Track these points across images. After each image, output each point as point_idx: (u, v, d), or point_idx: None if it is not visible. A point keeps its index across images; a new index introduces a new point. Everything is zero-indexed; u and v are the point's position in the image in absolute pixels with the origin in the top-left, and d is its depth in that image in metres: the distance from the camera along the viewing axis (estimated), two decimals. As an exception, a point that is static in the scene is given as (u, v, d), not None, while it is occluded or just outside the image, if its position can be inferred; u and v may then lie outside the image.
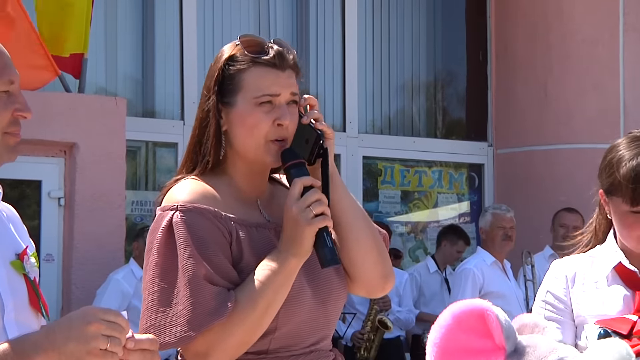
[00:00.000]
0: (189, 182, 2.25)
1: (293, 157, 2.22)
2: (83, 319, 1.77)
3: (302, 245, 2.14)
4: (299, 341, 2.24)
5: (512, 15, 8.49)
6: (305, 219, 2.13)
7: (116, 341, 1.76)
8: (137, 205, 7.38)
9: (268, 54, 2.24)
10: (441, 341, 1.90)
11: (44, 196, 6.48)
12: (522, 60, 8.36)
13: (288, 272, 2.15)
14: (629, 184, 2.44)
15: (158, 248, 2.17)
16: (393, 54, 8.63)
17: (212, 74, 2.27)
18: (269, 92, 2.22)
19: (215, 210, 2.19)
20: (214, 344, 2.12)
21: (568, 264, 2.60)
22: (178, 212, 2.17)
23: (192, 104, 7.50)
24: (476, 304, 1.91)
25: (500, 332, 1.87)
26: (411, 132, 8.66)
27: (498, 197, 8.53)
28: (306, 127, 2.26)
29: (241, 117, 2.23)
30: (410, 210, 8.55)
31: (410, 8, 8.74)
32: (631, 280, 2.50)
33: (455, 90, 9.09)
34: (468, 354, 1.88)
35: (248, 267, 2.18)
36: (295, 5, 8.22)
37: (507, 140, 8.53)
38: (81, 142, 6.36)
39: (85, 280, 6.35)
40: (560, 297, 2.56)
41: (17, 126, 2.00)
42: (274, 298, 2.13)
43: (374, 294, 2.41)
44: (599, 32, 8.10)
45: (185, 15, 7.56)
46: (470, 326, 1.89)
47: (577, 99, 8.09)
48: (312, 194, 2.15)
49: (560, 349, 1.90)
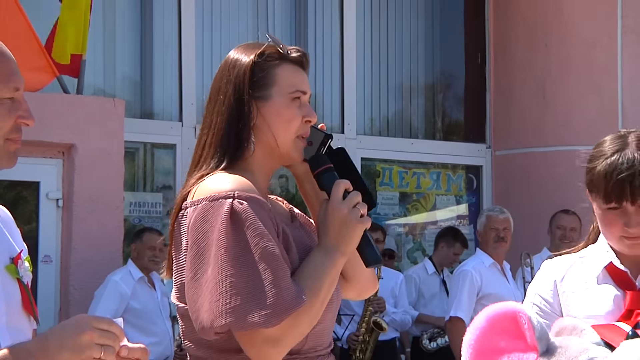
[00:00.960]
0: (226, 174, 2.23)
1: (323, 162, 2.29)
2: (76, 327, 1.76)
3: (350, 244, 2.22)
4: (323, 341, 2.28)
5: (511, 16, 8.49)
6: (355, 217, 2.21)
7: (110, 350, 1.76)
8: (136, 207, 7.38)
9: (294, 52, 2.32)
10: (476, 342, 1.98)
11: (42, 197, 6.47)
12: (521, 62, 8.37)
13: (338, 269, 2.22)
14: (602, 182, 2.43)
15: (225, 234, 2.11)
16: (391, 55, 8.63)
17: (235, 71, 2.29)
18: (301, 88, 2.30)
19: (266, 202, 2.22)
20: (289, 330, 2.12)
21: (557, 265, 2.59)
22: (238, 200, 2.15)
23: (191, 105, 7.50)
24: (509, 306, 1.99)
25: (532, 333, 1.93)
26: (409, 134, 8.66)
27: (496, 199, 8.53)
28: (311, 130, 2.33)
29: (277, 111, 2.27)
30: (408, 212, 8.55)
31: (408, 9, 8.74)
32: (622, 280, 2.49)
33: (454, 91, 9.10)
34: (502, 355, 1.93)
35: (295, 262, 2.21)
36: (294, 7, 8.22)
37: (505, 141, 8.53)
38: (79, 143, 6.36)
39: (84, 281, 6.35)
40: (548, 299, 2.55)
41: (19, 133, 2.00)
42: (328, 292, 2.19)
43: (364, 295, 2.47)
44: (597, 34, 8.11)
45: (183, 16, 7.56)
46: (503, 328, 1.96)
47: (575, 101, 8.09)
48: (355, 195, 2.24)
49: (592, 350, 1.93)
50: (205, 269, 2.13)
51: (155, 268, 6.51)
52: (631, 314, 2.43)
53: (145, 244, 6.43)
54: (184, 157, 7.36)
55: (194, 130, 7.38)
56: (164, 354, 6.39)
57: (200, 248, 2.14)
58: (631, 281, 2.48)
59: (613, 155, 2.46)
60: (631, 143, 2.48)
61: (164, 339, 6.38)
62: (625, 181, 2.40)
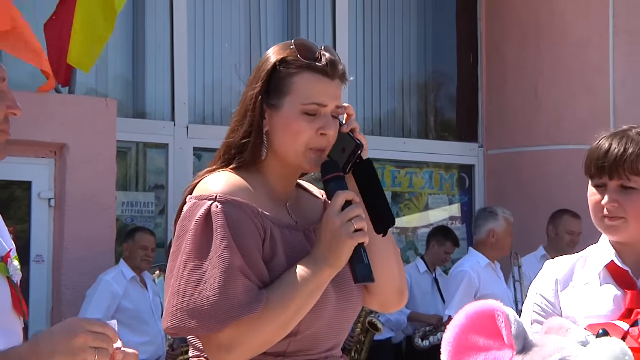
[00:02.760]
0: (225, 174, 2.24)
1: (333, 169, 2.24)
2: (69, 330, 1.75)
3: (339, 258, 2.16)
4: (316, 345, 2.25)
5: (503, 16, 8.50)
6: (346, 232, 2.15)
7: (104, 352, 1.75)
8: (128, 206, 7.36)
9: (320, 61, 2.23)
10: (454, 340, 1.98)
11: (34, 197, 6.46)
12: (513, 62, 8.38)
13: (321, 281, 2.17)
14: (591, 159, 2.49)
15: (194, 234, 2.14)
16: (384, 55, 8.64)
17: (260, 73, 2.25)
18: (318, 100, 2.22)
19: (252, 205, 2.19)
20: (240, 338, 2.12)
21: (559, 265, 2.60)
22: (217, 203, 2.16)
23: (183, 104, 7.49)
24: (488, 304, 1.99)
25: (509, 332, 1.94)
26: (402, 133, 8.67)
27: (488, 198, 8.54)
28: (344, 136, 2.26)
29: (285, 122, 2.22)
30: (400, 211, 8.55)
31: (401, 9, 8.75)
32: (622, 279, 2.50)
33: (446, 91, 9.10)
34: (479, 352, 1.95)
35: (279, 267, 2.19)
36: (286, 6, 8.22)
37: (497, 141, 8.54)
38: (71, 142, 6.35)
39: (76, 281, 6.34)
40: (549, 299, 2.56)
41: (8, 123, 2.00)
42: (304, 303, 2.15)
43: (388, 308, 2.42)
44: (589, 34, 8.12)
45: (175, 16, 7.55)
46: (482, 325, 1.97)
47: (567, 101, 8.11)
48: (354, 208, 2.17)
49: (566, 348, 1.94)
50: (176, 263, 2.17)
51: (147, 268, 6.50)
52: (630, 312, 2.44)
53: (138, 243, 6.42)
54: (176, 156, 7.36)
55: (186, 130, 7.37)
56: (156, 354, 6.39)
57: (178, 245, 2.18)
58: (632, 280, 2.49)
59: (608, 138, 2.51)
60: (631, 130, 2.53)
61: (156, 339, 6.37)
62: (609, 157, 2.45)
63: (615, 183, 2.46)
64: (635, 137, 2.48)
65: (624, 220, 2.47)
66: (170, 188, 7.39)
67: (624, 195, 2.46)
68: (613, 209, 2.46)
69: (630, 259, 2.52)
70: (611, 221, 2.47)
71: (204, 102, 7.75)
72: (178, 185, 7.32)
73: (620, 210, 2.46)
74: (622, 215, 2.47)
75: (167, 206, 7.39)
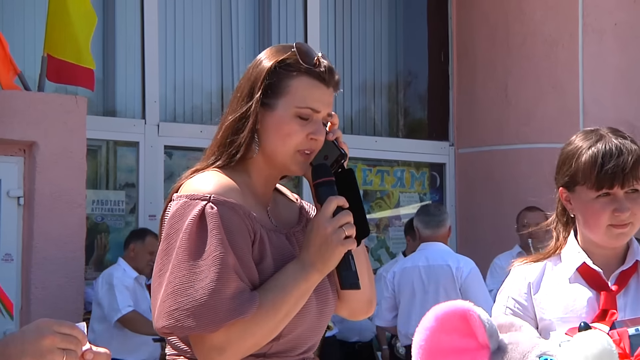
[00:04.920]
0: (214, 174, 2.24)
1: (325, 174, 2.25)
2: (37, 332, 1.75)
3: (328, 263, 2.19)
4: (296, 348, 2.27)
5: (473, 15, 8.54)
6: (337, 239, 2.17)
7: (72, 354, 1.74)
8: (98, 205, 7.32)
9: (319, 67, 2.26)
10: (426, 343, 1.95)
11: (3, 195, 6.41)
12: (483, 61, 8.42)
13: (310, 285, 2.20)
14: (592, 169, 2.45)
15: (188, 235, 2.14)
16: (355, 53, 8.65)
17: (258, 72, 2.26)
18: (313, 106, 2.24)
19: (245, 207, 2.20)
20: (233, 340, 2.12)
21: (529, 269, 2.59)
22: (211, 204, 2.16)
23: (154, 102, 7.46)
24: (458, 304, 1.96)
25: (483, 331, 1.91)
26: (373, 132, 8.68)
27: (459, 197, 8.57)
28: (329, 144, 2.29)
29: (277, 123, 2.24)
30: (372, 210, 8.56)
31: (372, 8, 8.76)
32: (595, 281, 2.50)
33: (417, 90, 9.13)
34: (453, 354, 1.92)
35: (267, 270, 2.20)
36: (258, 6, 8.20)
37: (468, 140, 8.58)
38: (41, 141, 6.30)
39: (45, 280, 6.29)
40: (522, 302, 2.56)
41: None
42: (293, 307, 2.17)
43: (357, 316, 2.44)
44: (559, 33, 8.17)
45: (146, 14, 7.51)
46: (453, 327, 1.95)
47: (537, 99, 8.15)
48: (345, 215, 2.19)
49: (542, 344, 1.93)
50: (168, 266, 2.16)
51: (149, 273, 6.48)
52: (605, 313, 2.43)
53: (147, 247, 6.43)
54: (147, 154, 7.33)
55: (157, 128, 7.35)
56: (153, 355, 6.38)
57: (170, 244, 2.17)
58: (604, 281, 2.49)
59: (595, 144, 2.48)
60: (606, 134, 2.51)
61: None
62: (617, 165, 2.43)
63: (623, 190, 2.45)
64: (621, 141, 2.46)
65: (631, 224, 2.48)
66: (141, 186, 7.36)
67: (631, 200, 2.46)
68: (627, 217, 2.45)
69: (600, 261, 2.52)
70: (622, 229, 2.47)
71: (175, 100, 7.72)
72: (149, 183, 7.29)
73: (631, 216, 2.46)
74: (632, 220, 2.47)
75: (138, 205, 7.35)
